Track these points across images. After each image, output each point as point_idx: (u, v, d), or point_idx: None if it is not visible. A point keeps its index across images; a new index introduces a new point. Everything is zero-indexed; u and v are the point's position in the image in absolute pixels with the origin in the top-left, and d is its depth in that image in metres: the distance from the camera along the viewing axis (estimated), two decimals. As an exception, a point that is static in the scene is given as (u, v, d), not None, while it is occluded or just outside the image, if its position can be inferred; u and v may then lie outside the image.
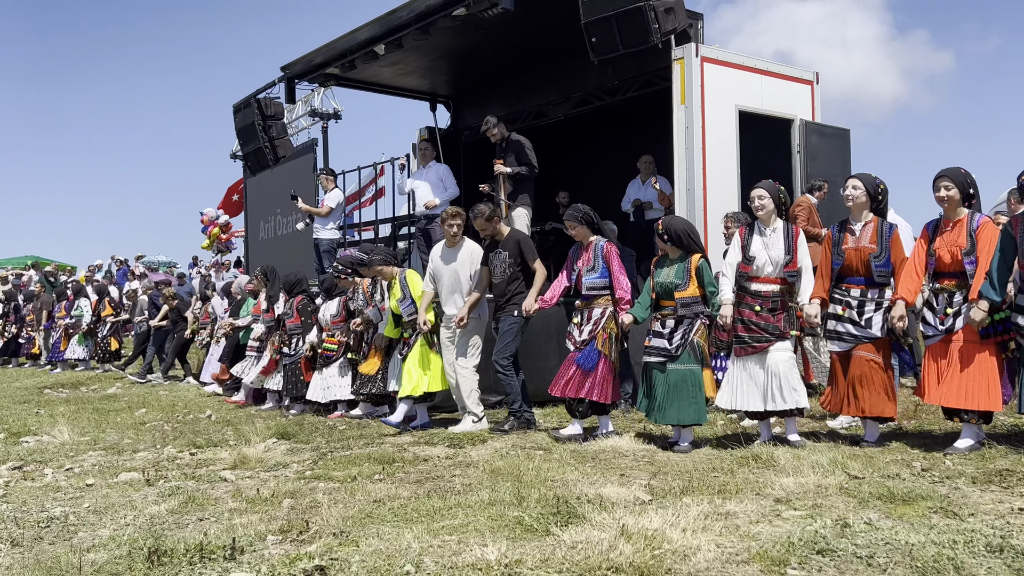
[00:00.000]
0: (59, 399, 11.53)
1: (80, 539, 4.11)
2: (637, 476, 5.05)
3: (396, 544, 3.63)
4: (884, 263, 5.56)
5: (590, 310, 6.55)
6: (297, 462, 6.04)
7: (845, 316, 5.64)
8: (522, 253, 7.14)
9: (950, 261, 5.34)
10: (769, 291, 5.82)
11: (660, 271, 6.22)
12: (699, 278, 6.06)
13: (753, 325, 5.80)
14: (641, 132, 10.67)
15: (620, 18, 7.30)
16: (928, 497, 4.12)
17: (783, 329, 5.77)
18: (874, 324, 5.56)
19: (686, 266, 6.11)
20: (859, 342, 5.60)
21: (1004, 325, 5.18)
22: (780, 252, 5.82)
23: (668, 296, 6.11)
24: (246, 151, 11.99)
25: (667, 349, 6.04)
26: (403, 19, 9.37)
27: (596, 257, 6.61)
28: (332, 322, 8.83)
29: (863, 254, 5.61)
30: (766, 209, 5.91)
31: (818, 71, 9.36)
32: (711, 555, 3.35)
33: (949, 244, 5.34)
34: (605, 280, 6.56)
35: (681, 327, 6.03)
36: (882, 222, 5.66)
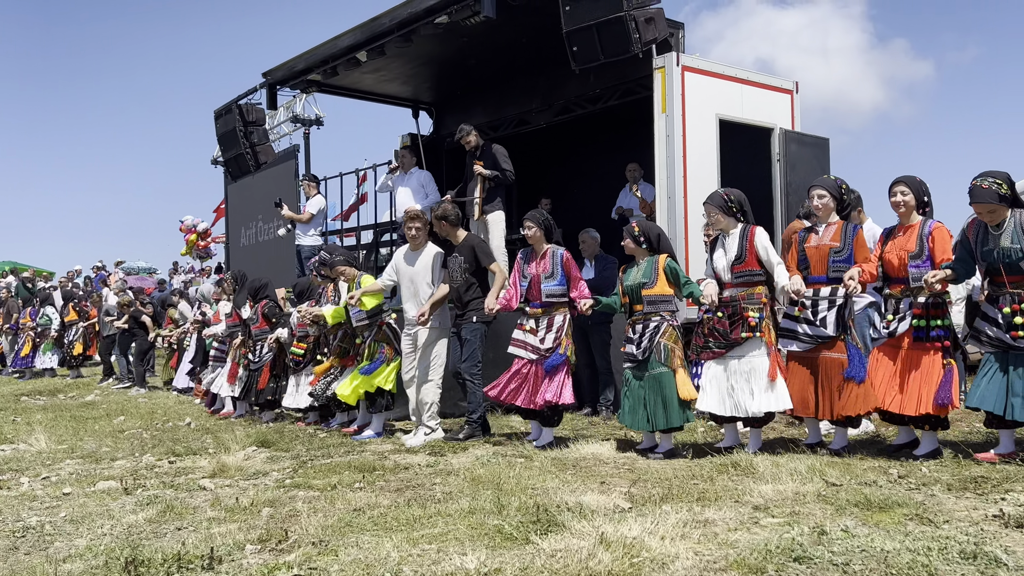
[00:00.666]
0: (36, 406, 11.41)
1: (56, 549, 4.08)
2: (617, 484, 5.07)
3: (375, 553, 3.62)
4: (845, 259, 5.56)
5: (550, 317, 6.61)
6: (277, 470, 6.01)
7: (801, 316, 5.67)
8: (477, 258, 7.16)
9: (898, 264, 5.39)
10: (728, 296, 5.89)
11: (628, 274, 6.29)
12: (668, 276, 6.11)
13: (715, 331, 5.88)
14: (623, 140, 10.71)
15: (601, 27, 7.35)
16: (904, 504, 4.15)
17: (736, 337, 5.77)
18: (828, 323, 5.57)
19: (654, 264, 6.17)
20: (816, 343, 5.63)
21: (943, 332, 5.26)
22: (733, 254, 5.88)
23: (638, 299, 6.16)
24: (227, 157, 11.94)
25: (635, 354, 6.10)
26: (385, 26, 9.37)
27: (555, 265, 6.65)
28: (298, 325, 8.76)
29: (823, 251, 5.65)
30: (719, 224, 6.01)
31: (798, 80, 9.46)
32: (689, 563, 3.37)
33: (898, 248, 5.39)
34: (563, 288, 6.62)
35: (648, 331, 6.07)
36: (847, 224, 5.68)
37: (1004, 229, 4.95)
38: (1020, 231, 4.90)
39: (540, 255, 6.75)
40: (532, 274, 6.69)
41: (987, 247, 5.02)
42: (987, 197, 4.91)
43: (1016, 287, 4.95)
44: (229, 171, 12.38)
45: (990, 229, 5.01)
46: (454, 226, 7.36)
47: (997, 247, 4.97)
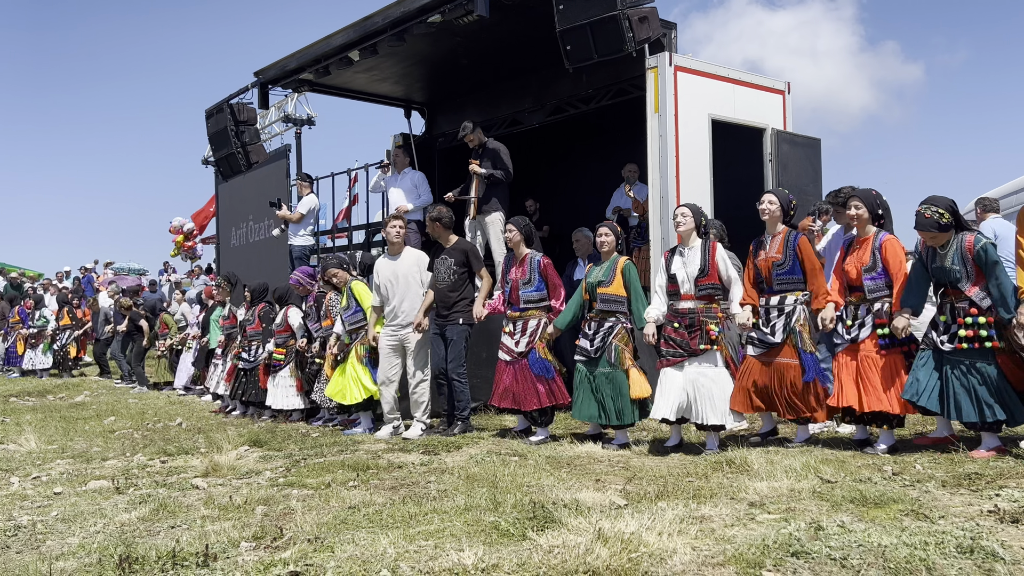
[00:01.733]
0: (26, 407, 11.33)
1: (49, 547, 4.04)
2: (612, 481, 5.06)
3: (371, 550, 3.61)
4: (787, 271, 5.88)
5: (525, 321, 6.84)
6: (270, 469, 5.98)
7: (756, 324, 5.98)
8: (469, 262, 7.27)
9: (855, 276, 5.72)
10: (687, 308, 6.06)
11: (591, 272, 6.55)
12: (624, 277, 6.35)
13: (671, 340, 6.06)
14: (615, 140, 10.72)
15: (595, 26, 7.35)
16: (899, 500, 4.16)
17: (694, 347, 5.95)
18: (777, 331, 5.86)
19: (613, 264, 6.43)
20: (769, 348, 5.90)
21: (907, 337, 5.53)
22: (695, 268, 6.06)
23: (595, 297, 6.41)
24: (218, 156, 11.88)
25: (588, 351, 6.36)
26: (378, 25, 9.35)
27: (532, 271, 6.86)
28: (276, 331, 9.03)
29: (768, 263, 5.95)
30: (686, 226, 6.14)
31: (790, 81, 9.49)
32: (687, 558, 3.36)
33: (856, 260, 5.73)
34: (542, 293, 6.85)
35: (602, 330, 6.33)
36: (789, 232, 5.95)
37: (948, 250, 5.34)
38: (959, 256, 5.29)
39: (519, 261, 6.96)
40: (512, 279, 6.93)
41: (936, 264, 5.40)
42: (928, 226, 5.31)
43: (959, 301, 5.32)
44: (220, 171, 12.33)
45: (937, 249, 5.39)
46: (447, 228, 7.44)
47: (942, 266, 5.35)
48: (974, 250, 5.25)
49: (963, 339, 5.22)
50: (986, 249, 5.24)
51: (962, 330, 5.23)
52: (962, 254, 5.28)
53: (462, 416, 7.19)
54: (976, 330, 5.20)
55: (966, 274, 5.28)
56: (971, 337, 5.21)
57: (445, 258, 7.28)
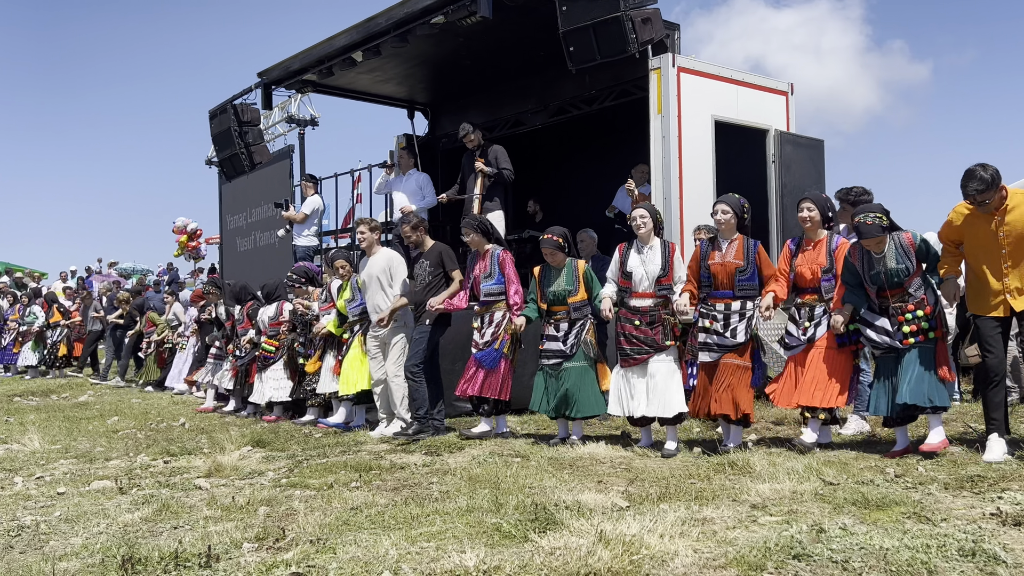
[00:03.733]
0: (29, 407, 11.35)
1: (52, 548, 4.05)
2: (614, 483, 5.07)
3: (374, 551, 3.61)
4: (749, 278, 5.96)
5: (491, 314, 6.98)
6: (273, 470, 5.99)
7: (712, 328, 5.99)
8: (443, 263, 7.36)
9: (811, 277, 5.85)
10: (646, 306, 6.22)
11: (549, 281, 6.71)
12: (586, 282, 6.63)
13: (634, 339, 6.18)
14: (618, 141, 10.72)
15: (598, 28, 7.36)
16: (901, 503, 4.16)
17: (660, 342, 6.12)
18: (738, 332, 5.93)
19: (574, 273, 6.65)
20: (725, 351, 5.96)
21: (855, 336, 5.76)
22: (656, 267, 6.19)
23: (559, 303, 6.64)
24: (222, 157, 11.90)
25: (562, 350, 6.55)
26: (381, 26, 9.36)
27: (492, 264, 7.03)
28: (270, 324, 9.20)
29: (729, 269, 5.98)
30: (646, 228, 6.27)
31: (793, 82, 9.48)
32: (689, 560, 3.37)
33: (810, 262, 5.87)
34: (501, 286, 6.99)
35: (574, 329, 6.56)
36: (747, 240, 6.05)
37: (887, 253, 5.53)
38: (902, 252, 5.51)
39: (482, 255, 7.12)
40: (475, 275, 7.11)
41: (874, 271, 5.57)
42: (874, 232, 5.46)
43: (899, 300, 5.52)
44: (224, 171, 12.35)
45: (874, 254, 5.56)
46: (425, 232, 7.61)
47: (884, 269, 5.53)
48: (915, 244, 5.52)
49: (908, 335, 5.45)
50: (926, 241, 5.56)
51: (905, 326, 5.46)
52: (904, 251, 5.51)
53: (417, 416, 7.18)
54: (918, 323, 5.44)
55: (910, 269, 5.50)
56: (915, 331, 5.44)
57: (422, 260, 7.43)
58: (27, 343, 16.06)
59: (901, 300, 5.50)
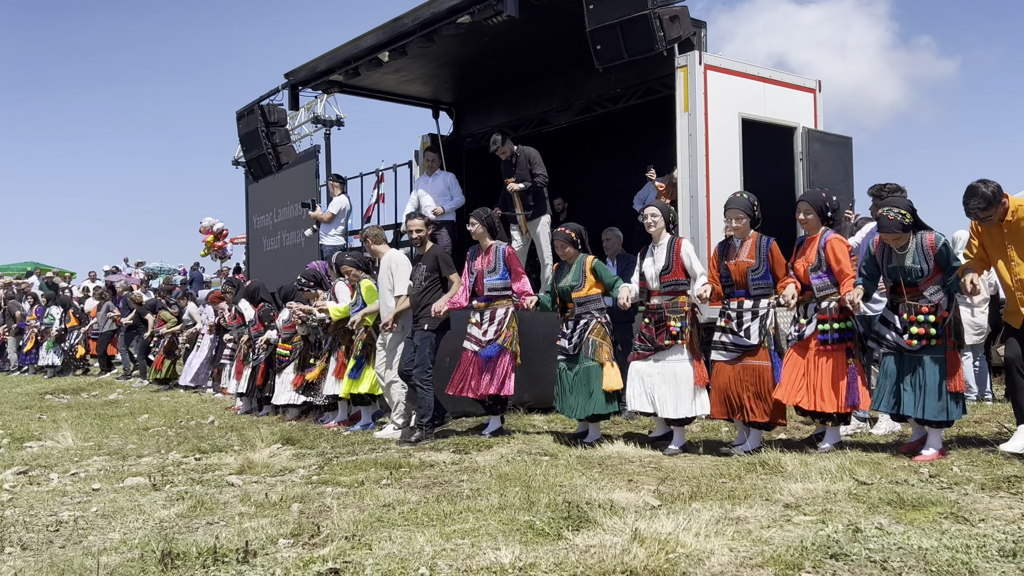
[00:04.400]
0: (60, 404, 11.51)
1: (91, 542, 4.11)
2: (645, 482, 5.06)
3: (408, 547, 3.63)
4: (762, 276, 5.97)
5: (492, 311, 7.02)
6: (303, 467, 6.04)
7: (728, 328, 6.01)
8: (439, 267, 7.35)
9: (803, 274, 5.89)
10: (655, 304, 6.29)
11: (561, 276, 6.76)
12: (596, 275, 6.61)
13: (643, 335, 6.30)
14: (643, 140, 10.69)
15: (625, 26, 7.33)
16: (938, 503, 4.13)
17: (660, 343, 6.16)
18: (752, 333, 5.92)
19: (581, 267, 6.65)
20: (741, 352, 5.96)
21: (847, 334, 5.74)
22: (660, 265, 6.27)
23: (568, 298, 6.69)
24: (249, 157, 11.98)
25: (567, 349, 6.61)
26: (408, 26, 9.37)
27: (497, 260, 7.06)
28: (284, 327, 9.26)
29: (741, 268, 6.01)
30: (657, 226, 6.35)
31: (820, 79, 9.41)
32: (725, 559, 3.36)
33: (804, 261, 5.91)
34: (506, 282, 7.03)
35: (578, 328, 6.56)
36: (760, 238, 6.04)
37: (907, 250, 5.50)
38: (921, 253, 5.48)
39: (484, 251, 7.16)
40: (477, 270, 7.11)
41: (892, 265, 5.57)
42: (893, 227, 5.45)
43: (913, 299, 5.50)
44: (251, 171, 12.43)
45: (895, 250, 5.55)
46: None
47: (901, 265, 5.52)
48: (936, 247, 5.47)
49: (915, 336, 5.43)
50: (947, 246, 5.51)
51: (914, 327, 5.44)
52: (924, 252, 5.47)
53: (420, 423, 7.10)
54: (926, 328, 5.42)
55: (927, 271, 5.46)
56: (922, 335, 5.42)
57: (420, 265, 7.42)
58: (44, 343, 16.40)
59: (915, 299, 5.48)
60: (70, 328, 16.35)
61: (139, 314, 14.50)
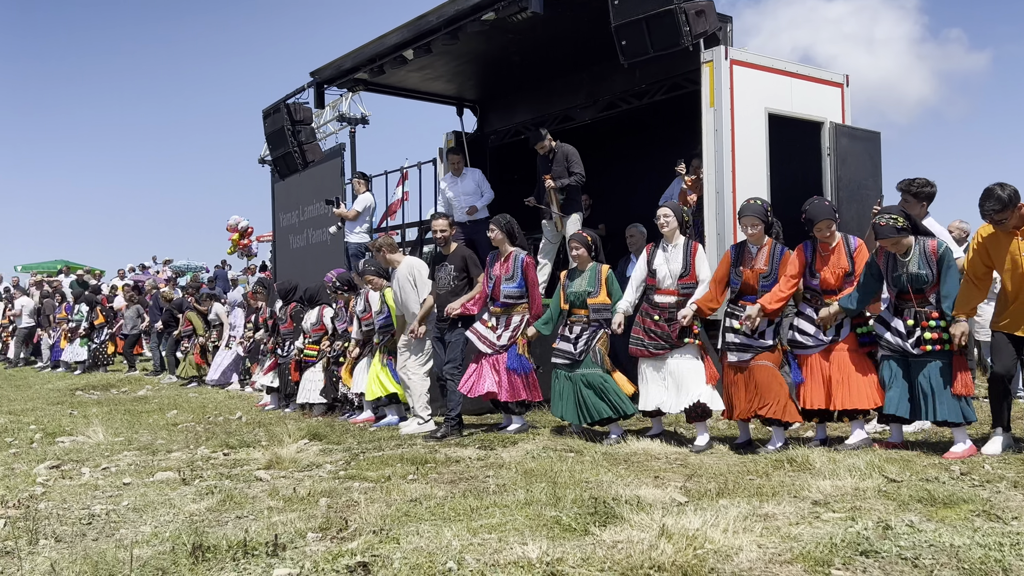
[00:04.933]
0: (91, 400, 11.68)
1: (123, 535, 4.17)
2: (671, 478, 5.04)
3: (436, 542, 3.65)
4: (772, 282, 5.99)
5: (508, 317, 7.12)
6: (330, 462, 6.08)
7: (741, 330, 6.00)
8: (467, 268, 7.41)
9: (835, 283, 5.89)
10: (667, 303, 6.31)
11: (572, 282, 6.79)
12: (608, 286, 6.66)
13: (653, 333, 6.31)
14: (669, 135, 10.64)
15: (651, 21, 7.29)
16: (970, 500, 4.08)
17: (676, 339, 6.20)
18: (767, 335, 5.97)
19: (597, 275, 6.71)
20: (755, 352, 5.97)
21: (869, 337, 5.81)
22: (678, 266, 6.31)
23: (581, 305, 6.69)
24: (275, 156, 12.07)
25: (572, 353, 6.60)
26: (432, 24, 9.40)
27: (516, 268, 7.13)
28: (312, 330, 9.46)
29: (755, 274, 6.06)
30: (670, 226, 6.37)
31: (848, 74, 9.32)
32: (753, 555, 3.34)
33: (833, 267, 5.90)
34: (522, 290, 7.12)
35: (586, 334, 6.60)
36: (774, 246, 6.08)
37: (911, 257, 5.52)
38: (924, 258, 5.51)
39: (504, 257, 7.21)
40: (496, 275, 7.19)
41: (896, 273, 5.58)
42: (888, 233, 5.47)
43: (922, 305, 5.52)
44: (277, 170, 12.53)
45: (898, 257, 5.56)
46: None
47: (906, 272, 5.53)
48: (938, 253, 5.50)
49: (928, 341, 5.42)
50: (948, 251, 5.55)
51: (927, 333, 5.44)
52: (927, 258, 5.50)
53: (448, 417, 7.21)
54: (939, 332, 5.42)
55: (932, 276, 5.49)
56: (936, 339, 5.41)
57: (446, 264, 7.45)
58: (75, 340, 16.66)
59: (924, 305, 5.51)
60: (97, 325, 16.60)
61: (169, 312, 14.75)
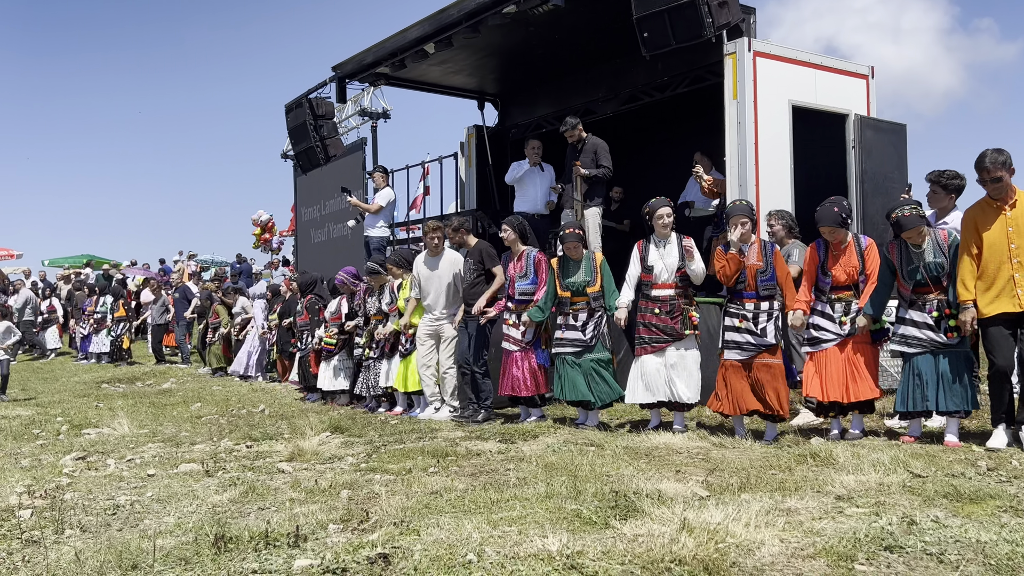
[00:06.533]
0: (116, 393, 11.81)
1: (147, 525, 4.21)
2: (693, 472, 5.01)
3: (457, 534, 3.65)
4: (769, 277, 6.17)
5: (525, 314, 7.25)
6: (352, 455, 6.11)
7: (743, 327, 6.15)
8: (483, 260, 7.68)
9: (846, 279, 5.99)
10: (666, 296, 6.58)
11: (568, 272, 7.02)
12: (602, 273, 6.94)
13: (653, 327, 6.55)
14: (691, 128, 10.57)
15: (673, 12, 7.25)
16: (997, 496, 4.02)
17: (679, 330, 6.51)
18: (768, 333, 6.11)
19: (591, 264, 6.97)
20: (758, 351, 6.12)
21: (881, 334, 5.97)
22: (674, 259, 6.58)
23: (579, 293, 6.96)
24: (297, 150, 12.14)
25: (583, 340, 6.89)
26: (453, 17, 9.40)
27: (528, 265, 7.35)
28: (331, 319, 9.69)
29: (752, 271, 6.20)
30: (670, 225, 6.65)
31: (873, 65, 9.20)
32: (775, 549, 3.31)
33: (844, 266, 6.00)
34: (535, 286, 7.29)
35: (592, 319, 6.89)
36: (765, 242, 6.30)
37: (925, 247, 5.62)
38: (938, 247, 5.62)
39: (517, 256, 7.44)
40: (511, 275, 7.43)
41: (912, 265, 5.67)
42: (915, 222, 5.57)
43: (942, 294, 5.62)
44: (299, 164, 12.60)
45: (912, 248, 5.65)
46: (468, 232, 8.03)
47: (923, 263, 5.63)
48: (949, 241, 5.63)
49: (951, 328, 5.53)
50: (957, 240, 5.61)
51: (952, 320, 5.54)
52: (940, 246, 5.62)
53: (484, 405, 7.58)
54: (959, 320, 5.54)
55: (947, 265, 5.59)
56: (957, 327, 5.51)
57: (467, 259, 7.81)
58: (101, 331, 16.90)
59: (944, 294, 5.60)
60: (117, 318, 16.80)
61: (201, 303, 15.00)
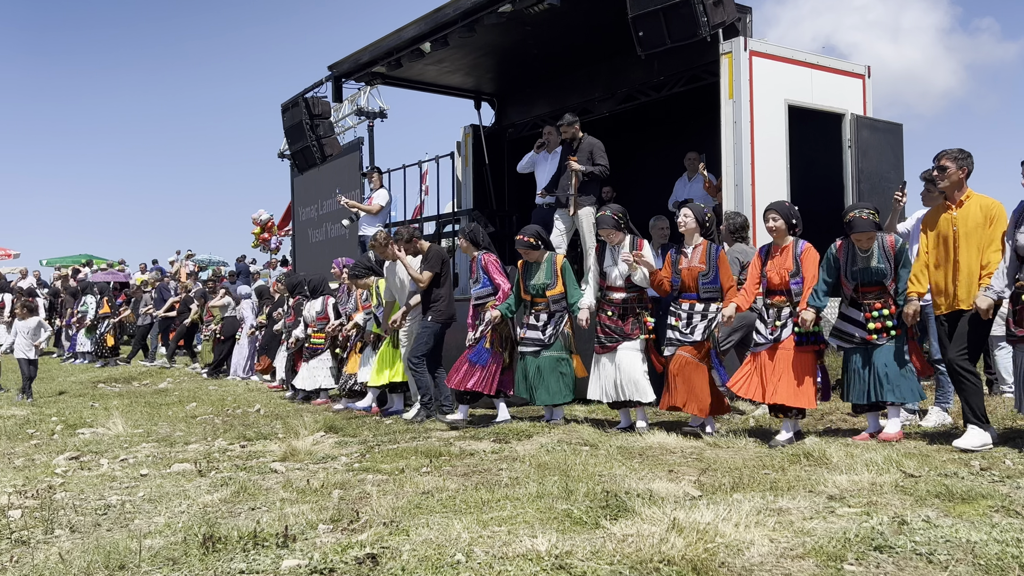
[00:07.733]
0: (112, 393, 11.80)
1: (137, 525, 4.20)
2: (685, 472, 5.00)
3: (446, 534, 3.64)
4: (711, 281, 6.35)
5: (482, 315, 7.43)
6: (345, 455, 6.10)
7: (677, 326, 6.40)
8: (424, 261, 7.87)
9: (779, 282, 6.07)
10: (619, 298, 6.72)
11: (530, 275, 7.19)
12: (563, 276, 7.07)
13: (607, 328, 6.71)
14: (688, 128, 10.56)
15: (668, 11, 7.23)
16: (989, 496, 4.01)
17: (629, 331, 6.64)
18: (696, 330, 6.32)
19: (552, 267, 7.12)
20: (681, 344, 6.34)
21: (816, 337, 6.00)
22: (624, 265, 6.66)
23: (540, 295, 7.13)
24: (294, 150, 12.12)
25: (541, 339, 7.05)
26: (449, 16, 9.39)
27: (478, 270, 7.57)
28: (317, 318, 9.83)
29: (693, 273, 6.40)
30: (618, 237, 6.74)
31: (869, 64, 9.20)
32: (765, 549, 3.30)
33: (778, 267, 6.09)
34: (488, 289, 7.49)
35: (553, 320, 7.07)
36: (710, 245, 6.44)
37: (871, 252, 5.81)
38: (883, 253, 5.82)
39: (471, 263, 7.69)
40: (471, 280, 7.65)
41: (855, 267, 5.87)
42: (867, 227, 5.74)
43: (872, 298, 5.84)
44: (296, 164, 12.58)
45: (859, 252, 5.84)
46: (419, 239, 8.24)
47: (867, 267, 5.83)
48: (896, 248, 5.82)
49: (872, 331, 5.79)
50: (904, 247, 5.88)
51: (871, 323, 5.80)
52: (886, 253, 5.81)
53: (424, 402, 7.76)
54: (882, 322, 5.78)
55: (889, 271, 5.79)
56: (879, 329, 5.78)
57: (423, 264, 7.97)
58: (81, 330, 16.92)
59: (875, 298, 5.82)
60: (101, 316, 16.77)
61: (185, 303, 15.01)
